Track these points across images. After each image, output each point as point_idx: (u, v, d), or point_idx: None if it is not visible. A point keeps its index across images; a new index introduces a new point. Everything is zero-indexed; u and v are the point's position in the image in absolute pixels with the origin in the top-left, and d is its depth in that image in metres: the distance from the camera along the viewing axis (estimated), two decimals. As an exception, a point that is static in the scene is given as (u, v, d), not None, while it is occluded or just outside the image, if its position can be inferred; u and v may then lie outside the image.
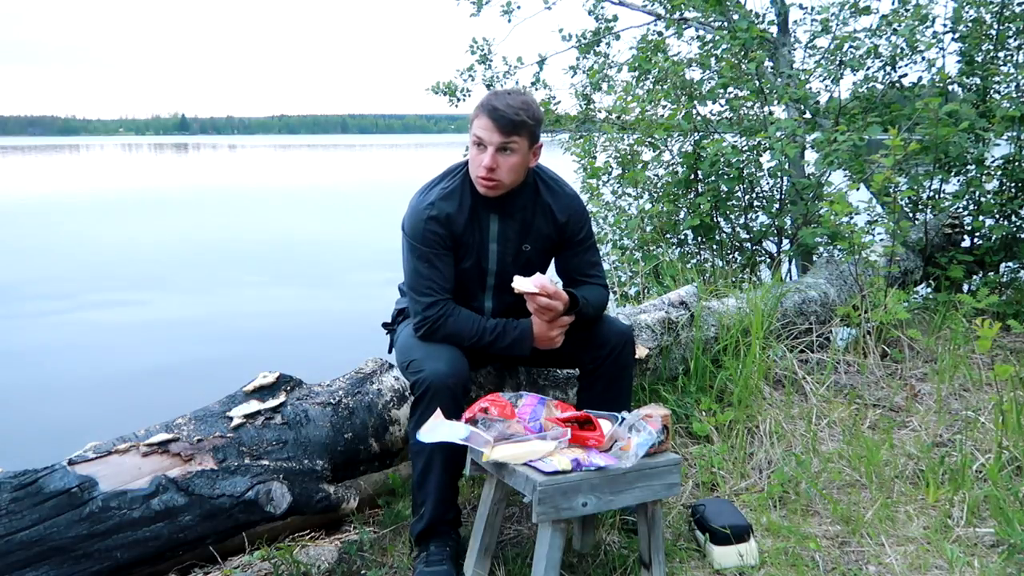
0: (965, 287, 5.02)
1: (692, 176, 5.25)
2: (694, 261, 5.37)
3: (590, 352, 2.34)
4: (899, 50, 5.26)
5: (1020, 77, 5.10)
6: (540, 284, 2.20)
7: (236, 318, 8.07)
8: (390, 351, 2.51)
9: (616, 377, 2.34)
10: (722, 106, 5.42)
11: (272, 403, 2.27)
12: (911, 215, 5.25)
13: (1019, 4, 5.02)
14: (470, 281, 2.33)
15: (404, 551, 2.27)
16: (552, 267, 2.52)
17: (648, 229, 5.33)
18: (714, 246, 5.44)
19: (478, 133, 2.17)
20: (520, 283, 2.20)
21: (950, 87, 5.28)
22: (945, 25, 5.30)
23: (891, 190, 4.36)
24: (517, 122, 2.15)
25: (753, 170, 5.21)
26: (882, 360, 3.70)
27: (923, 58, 5.35)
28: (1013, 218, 5.03)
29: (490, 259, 2.32)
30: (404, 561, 2.23)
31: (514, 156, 2.19)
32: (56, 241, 13.08)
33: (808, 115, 5.41)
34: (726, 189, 5.09)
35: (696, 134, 5.24)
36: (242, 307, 8.58)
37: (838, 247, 4.31)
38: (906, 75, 5.42)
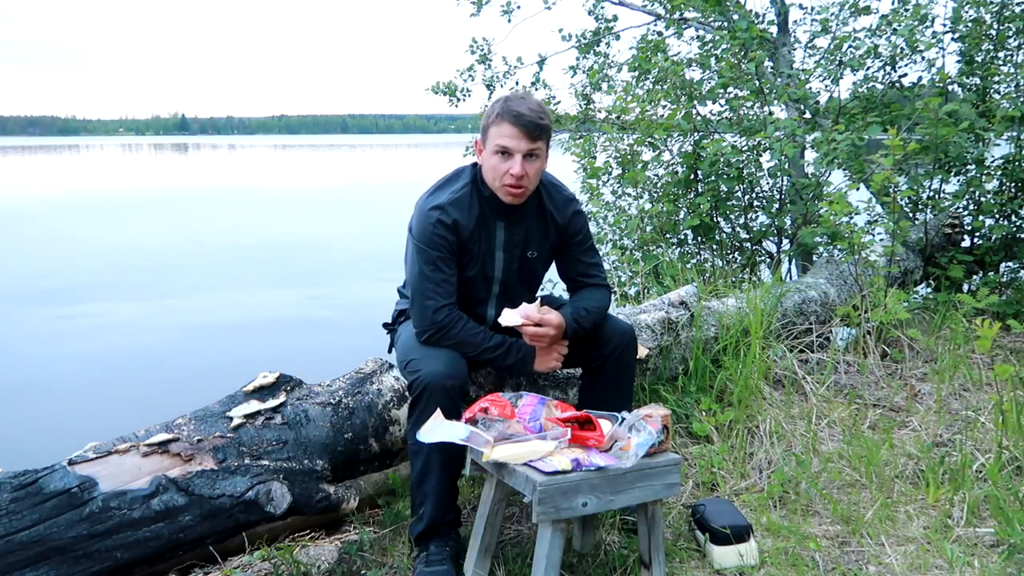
0: (965, 287, 5.02)
1: (692, 176, 5.25)
2: (694, 261, 5.37)
3: (592, 351, 2.35)
4: (899, 50, 5.26)
5: (1020, 77, 5.10)
6: (526, 315, 2.22)
7: (236, 318, 8.08)
8: (390, 351, 2.51)
9: (618, 376, 2.34)
10: (722, 106, 5.42)
11: (272, 403, 2.27)
12: (911, 215, 5.25)
13: (1019, 4, 5.02)
14: (474, 288, 2.33)
15: (404, 551, 2.27)
16: (555, 272, 2.53)
17: (648, 229, 5.33)
18: (714, 246, 5.44)
19: (503, 142, 2.14)
20: (507, 318, 2.23)
21: (950, 87, 5.28)
22: (945, 25, 5.31)
23: (891, 190, 4.36)
24: (543, 127, 2.16)
25: (753, 170, 5.21)
26: (882, 360, 3.70)
27: (923, 58, 5.35)
28: (1013, 218, 5.04)
29: (496, 267, 2.32)
30: (404, 561, 2.23)
31: (538, 161, 2.20)
32: (56, 241, 13.08)
33: (808, 115, 5.41)
34: (726, 189, 5.09)
35: (696, 134, 5.24)
36: (242, 307, 8.58)
37: (838, 247, 4.31)
38: (906, 75, 5.43)
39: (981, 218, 5.09)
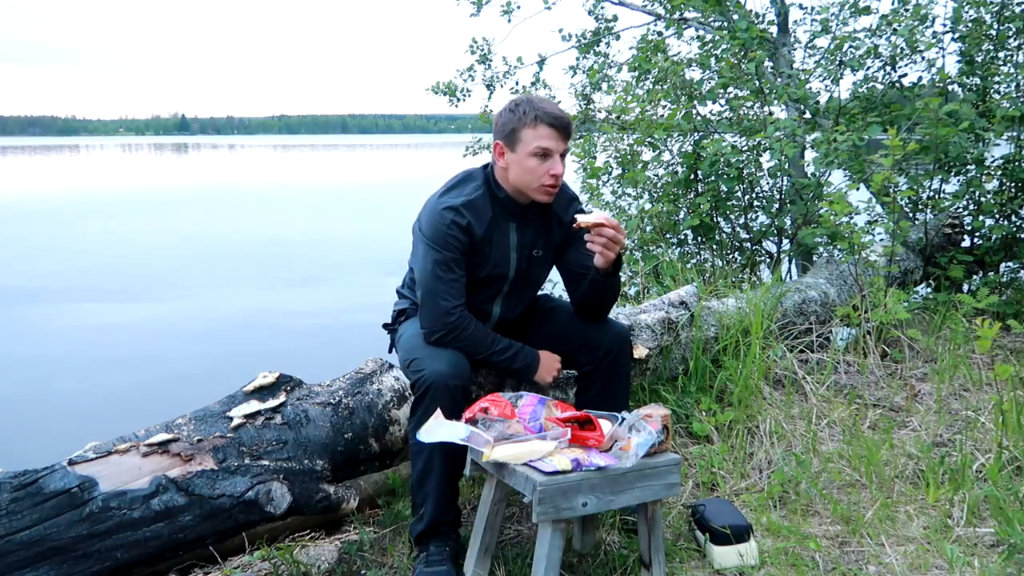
0: (965, 287, 5.02)
1: (692, 176, 5.25)
2: (694, 261, 5.37)
3: (585, 354, 2.35)
4: (899, 50, 5.26)
5: (1020, 77, 5.10)
6: (605, 217, 2.19)
7: (236, 318, 8.07)
8: (391, 351, 2.51)
9: (612, 379, 2.34)
10: (722, 106, 5.42)
11: (272, 403, 2.27)
12: (911, 215, 5.25)
13: (1019, 4, 5.02)
14: (484, 288, 2.34)
15: (404, 551, 2.27)
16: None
17: (648, 229, 5.33)
18: (714, 246, 5.44)
19: (543, 144, 2.17)
20: (589, 217, 2.17)
21: (950, 87, 5.28)
22: (945, 25, 5.30)
23: (891, 190, 4.36)
24: (572, 125, 2.23)
25: (753, 170, 5.21)
26: (882, 360, 3.70)
27: (923, 58, 5.34)
28: (1013, 218, 5.03)
29: (510, 267, 2.34)
30: (404, 561, 2.23)
31: (565, 159, 2.26)
32: (56, 241, 13.08)
33: (808, 115, 5.41)
34: (726, 189, 5.09)
35: (696, 134, 5.24)
36: (242, 307, 8.58)
37: (838, 247, 4.31)
38: (906, 75, 5.42)
39: (981, 218, 5.08)
